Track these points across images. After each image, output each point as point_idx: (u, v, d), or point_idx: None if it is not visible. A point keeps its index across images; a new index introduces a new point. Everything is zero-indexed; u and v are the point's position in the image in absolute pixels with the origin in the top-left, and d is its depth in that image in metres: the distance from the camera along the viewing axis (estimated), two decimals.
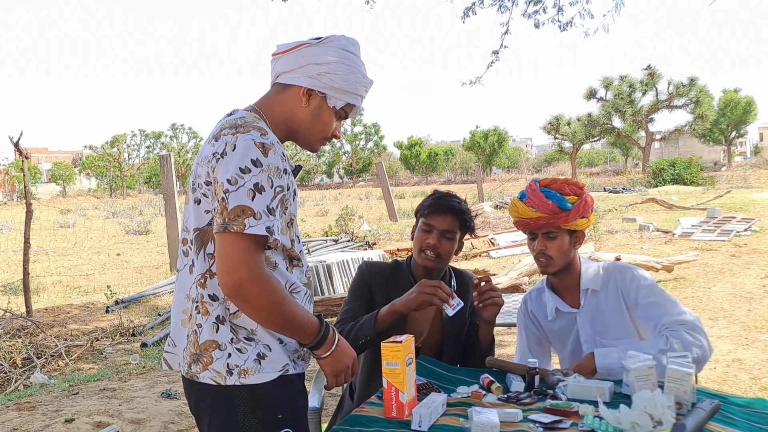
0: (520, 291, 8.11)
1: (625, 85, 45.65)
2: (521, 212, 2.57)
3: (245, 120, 1.80)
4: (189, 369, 1.83)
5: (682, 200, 22.51)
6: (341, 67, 1.89)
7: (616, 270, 2.60)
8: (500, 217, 19.42)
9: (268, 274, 1.73)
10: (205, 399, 1.83)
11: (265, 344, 1.80)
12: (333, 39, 1.91)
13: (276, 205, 1.73)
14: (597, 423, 1.84)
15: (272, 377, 1.79)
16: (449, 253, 2.68)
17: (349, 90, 1.92)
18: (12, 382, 5.93)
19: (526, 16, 8.12)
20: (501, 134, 77.93)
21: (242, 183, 1.68)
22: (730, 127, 60.34)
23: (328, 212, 29.15)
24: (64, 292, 11.33)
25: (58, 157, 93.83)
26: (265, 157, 1.71)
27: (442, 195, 2.73)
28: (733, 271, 9.71)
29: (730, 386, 4.84)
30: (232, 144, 1.72)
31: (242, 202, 1.68)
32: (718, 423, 1.84)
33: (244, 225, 1.67)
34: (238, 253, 1.68)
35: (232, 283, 1.69)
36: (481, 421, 1.82)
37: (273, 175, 1.72)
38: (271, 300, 1.72)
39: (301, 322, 1.80)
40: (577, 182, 2.58)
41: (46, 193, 66.57)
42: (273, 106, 1.92)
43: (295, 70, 1.88)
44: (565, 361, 2.72)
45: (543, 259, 2.58)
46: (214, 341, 1.78)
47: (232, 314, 1.79)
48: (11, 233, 20.36)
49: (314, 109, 1.91)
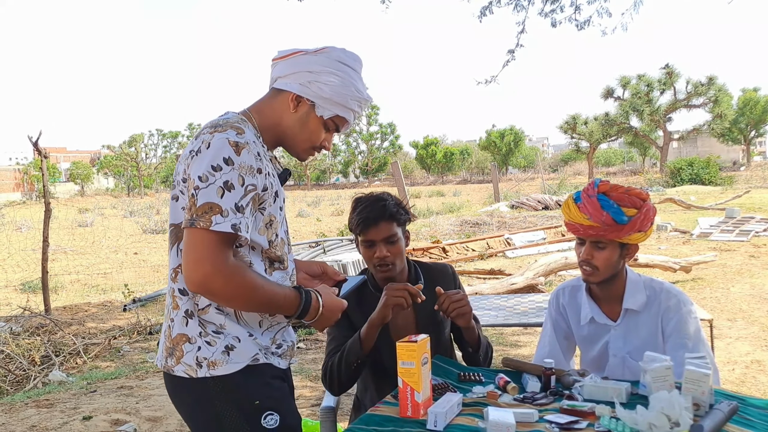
0: (536, 291, 8.08)
1: (642, 84, 45.33)
2: (573, 216, 2.44)
3: (227, 120, 1.83)
4: (165, 362, 1.89)
5: (700, 200, 22.34)
6: (333, 78, 1.90)
7: (663, 293, 2.48)
8: (516, 216, 19.37)
9: (234, 265, 1.75)
10: (182, 392, 1.89)
11: (235, 336, 1.84)
12: (330, 50, 1.93)
13: (246, 203, 1.76)
14: (614, 424, 1.82)
15: (239, 367, 1.83)
16: (400, 254, 2.59)
17: (338, 102, 1.92)
18: (31, 379, 5.99)
19: (542, 15, 8.09)
20: (517, 134, 77.61)
21: (213, 180, 1.72)
22: (749, 126, 59.73)
23: (343, 212, 29.17)
24: (82, 291, 11.43)
25: (77, 157, 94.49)
26: (238, 156, 1.73)
27: (366, 205, 2.58)
28: (752, 271, 9.62)
29: (749, 388, 4.79)
30: (207, 142, 1.76)
31: (211, 199, 1.71)
32: (737, 425, 1.83)
33: (211, 221, 1.70)
34: (202, 249, 1.71)
35: (195, 278, 1.72)
36: (497, 421, 1.82)
37: (245, 174, 1.75)
38: (238, 290, 1.75)
39: (278, 301, 1.84)
40: (640, 192, 2.41)
41: (64, 193, 67.15)
42: (263, 110, 1.95)
43: (288, 76, 1.91)
44: (586, 363, 2.66)
45: (587, 268, 2.46)
46: (185, 335, 1.84)
47: (200, 309, 1.83)
48: (30, 232, 20.53)
49: (302, 116, 1.93)
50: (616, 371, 2.51)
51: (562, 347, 2.70)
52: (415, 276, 2.71)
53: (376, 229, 2.54)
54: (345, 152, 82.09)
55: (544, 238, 14.32)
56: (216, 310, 1.83)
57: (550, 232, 15.03)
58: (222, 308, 1.84)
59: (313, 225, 22.84)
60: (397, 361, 1.99)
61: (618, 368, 2.51)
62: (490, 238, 14.33)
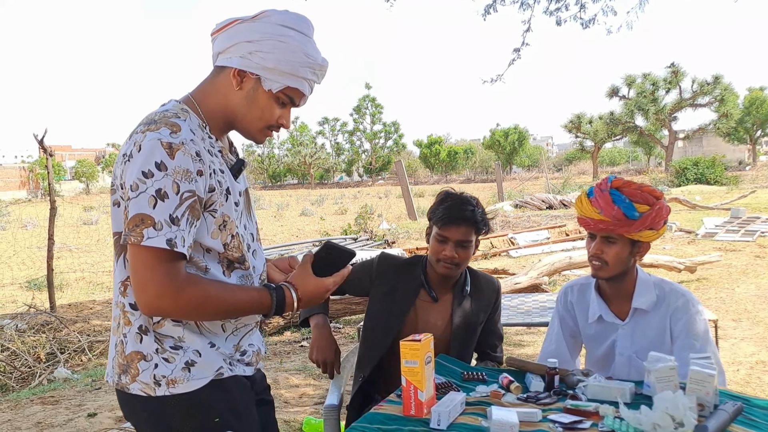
0: (540, 291, 8.06)
1: (648, 83, 45.25)
2: (585, 210, 2.45)
3: (164, 114, 1.65)
4: (119, 380, 1.74)
5: (705, 200, 22.28)
6: (276, 45, 1.67)
7: (672, 293, 2.47)
8: (520, 216, 19.34)
9: (183, 279, 1.61)
10: (138, 410, 1.76)
11: (195, 350, 1.70)
12: (270, 13, 1.70)
13: (182, 213, 1.57)
14: (617, 424, 1.82)
15: (203, 383, 1.71)
16: (466, 260, 2.65)
17: (286, 71, 1.69)
18: (36, 376, 6.01)
19: (548, 14, 8.09)
20: (521, 133, 77.48)
21: (143, 189, 1.54)
22: (755, 125, 59.49)
23: (347, 211, 29.17)
24: (87, 289, 11.45)
25: (82, 155, 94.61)
26: (171, 159, 1.55)
27: (455, 203, 2.63)
28: (757, 272, 9.59)
29: (754, 388, 4.78)
30: (138, 144, 1.57)
31: (142, 210, 1.55)
32: (741, 425, 1.82)
33: (142, 236, 1.54)
34: (143, 270, 1.57)
35: (144, 302, 1.60)
36: (500, 421, 1.82)
37: (180, 179, 1.56)
38: (192, 306, 1.63)
39: (245, 304, 1.71)
40: (654, 190, 2.41)
41: (69, 191, 67.23)
42: (208, 92, 1.75)
43: (228, 50, 1.70)
44: (592, 362, 2.66)
45: (597, 263, 2.46)
46: (139, 352, 1.69)
47: (155, 323, 1.69)
48: (35, 230, 20.59)
49: (248, 92, 1.71)
50: (623, 370, 2.51)
51: (568, 345, 2.70)
52: (463, 283, 2.74)
53: (456, 229, 2.57)
54: (349, 151, 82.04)
55: (548, 238, 14.30)
56: (173, 323, 1.69)
57: (554, 231, 15.01)
58: (179, 320, 1.69)
59: (316, 224, 22.82)
60: (401, 359, 1.99)
61: (624, 368, 2.51)
62: (494, 238, 14.30)
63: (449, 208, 2.60)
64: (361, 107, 78.02)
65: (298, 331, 7.40)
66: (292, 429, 4.28)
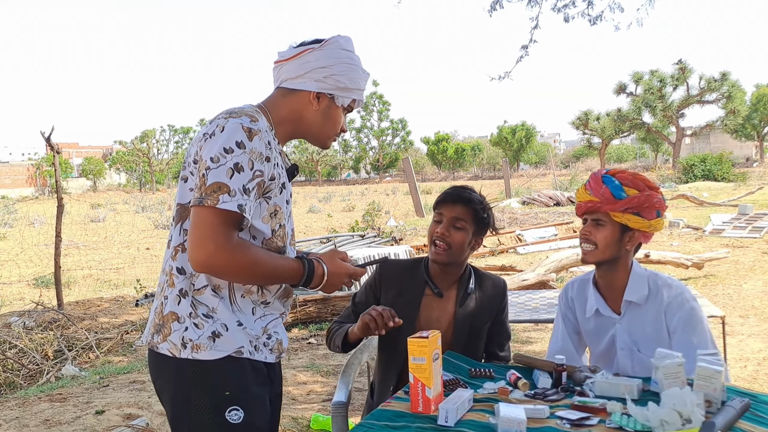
0: (547, 287, 8.06)
1: (655, 79, 45.09)
2: (579, 196, 2.54)
3: (242, 108, 1.89)
4: (151, 339, 1.91)
5: (712, 197, 22.22)
6: (345, 68, 1.97)
7: (665, 287, 2.48)
8: (527, 213, 19.31)
9: (237, 242, 1.79)
10: (162, 369, 1.91)
11: (223, 324, 1.85)
12: (333, 41, 1.97)
13: (253, 186, 1.80)
14: (625, 420, 1.82)
15: (221, 355, 1.84)
16: (460, 245, 2.60)
17: (354, 87, 2.00)
18: (44, 373, 6.04)
19: (555, 10, 8.05)
20: (529, 129, 77.43)
21: (224, 162, 1.76)
22: (763, 122, 59.29)
23: (354, 207, 29.21)
24: (94, 286, 11.50)
25: (89, 152, 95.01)
26: (250, 141, 1.78)
27: (455, 186, 2.71)
28: (764, 268, 9.56)
29: (761, 384, 4.77)
30: (221, 126, 1.80)
31: (220, 179, 1.75)
32: (749, 422, 1.82)
33: (218, 200, 1.74)
34: (207, 227, 1.75)
35: (199, 256, 1.76)
36: (508, 417, 1.82)
37: (255, 159, 1.79)
38: (241, 266, 1.79)
39: (282, 272, 1.88)
40: (647, 180, 2.47)
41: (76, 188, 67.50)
42: (279, 106, 1.98)
43: (302, 76, 1.95)
44: (595, 358, 2.67)
45: (585, 245, 2.51)
46: (175, 313, 1.86)
47: (196, 290, 1.86)
48: (43, 227, 20.68)
49: (324, 110, 1.99)
50: (626, 364, 2.52)
51: (573, 342, 2.71)
52: (467, 280, 2.72)
53: (452, 206, 2.61)
54: (356, 148, 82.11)
55: (556, 235, 14.29)
56: (212, 292, 1.86)
57: (561, 228, 14.99)
58: (218, 291, 1.86)
59: (324, 221, 22.86)
60: (408, 356, 2.00)
61: (627, 361, 2.52)
62: (501, 234, 14.29)
63: (447, 190, 2.69)
64: (368, 104, 78.05)
65: (306, 328, 7.42)
66: (300, 426, 4.30)
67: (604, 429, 1.82)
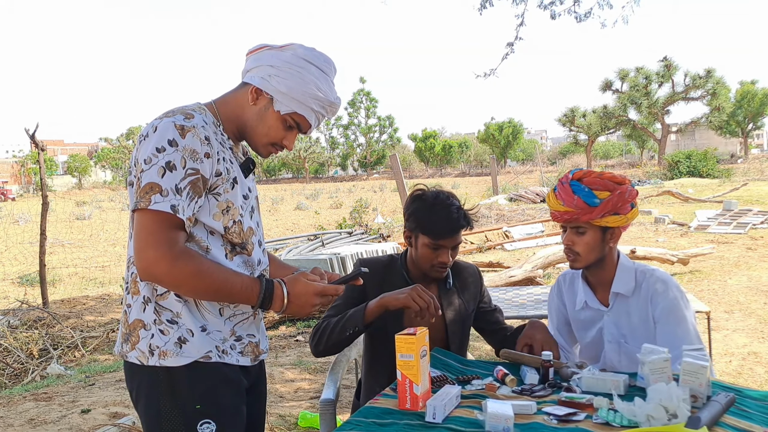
0: (534, 284, 8.09)
1: (641, 76, 45.31)
2: (551, 204, 2.53)
3: (182, 107, 1.85)
4: (121, 348, 1.88)
5: (698, 193, 22.36)
6: (292, 74, 1.86)
7: (651, 278, 2.50)
8: (514, 209, 19.36)
9: (181, 249, 1.73)
10: (133, 378, 1.87)
11: (188, 329, 1.80)
12: (297, 47, 1.90)
13: (185, 185, 1.73)
14: (612, 416, 1.83)
15: (187, 361, 1.79)
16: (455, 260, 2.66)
17: (296, 98, 1.87)
18: (29, 372, 6.00)
19: (542, 8, 8.07)
20: (516, 126, 77.47)
21: (155, 162, 1.71)
22: (747, 119, 59.70)
23: (342, 204, 29.19)
24: (80, 284, 11.43)
25: (74, 150, 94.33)
26: (182, 138, 1.73)
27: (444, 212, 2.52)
28: (749, 264, 9.63)
29: (746, 379, 4.81)
30: (154, 126, 1.76)
31: (152, 179, 1.71)
32: (734, 416, 1.83)
33: (150, 201, 1.70)
34: (146, 234, 1.71)
35: (140, 265, 1.73)
36: (496, 413, 1.82)
37: (188, 157, 1.73)
38: (184, 276, 1.73)
39: (234, 287, 1.79)
40: (614, 176, 2.47)
41: (62, 185, 67.04)
42: (228, 101, 1.93)
43: (253, 69, 1.90)
44: (583, 350, 2.69)
45: (570, 255, 2.53)
46: (141, 320, 1.82)
47: (158, 295, 1.81)
48: (28, 225, 20.52)
49: (260, 109, 1.90)
50: (613, 357, 2.54)
51: (563, 333, 2.74)
52: (446, 276, 2.72)
53: (452, 238, 2.54)
54: (344, 145, 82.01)
55: (543, 231, 14.33)
56: (175, 297, 1.80)
57: (548, 224, 15.02)
58: (181, 296, 1.80)
59: (311, 218, 22.82)
60: (396, 353, 1.99)
61: (614, 354, 2.54)
62: (489, 231, 14.32)
63: (442, 221, 2.52)
64: (355, 101, 78.00)
65: (293, 326, 7.40)
66: (288, 423, 4.29)
67: (591, 424, 1.83)
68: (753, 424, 1.79)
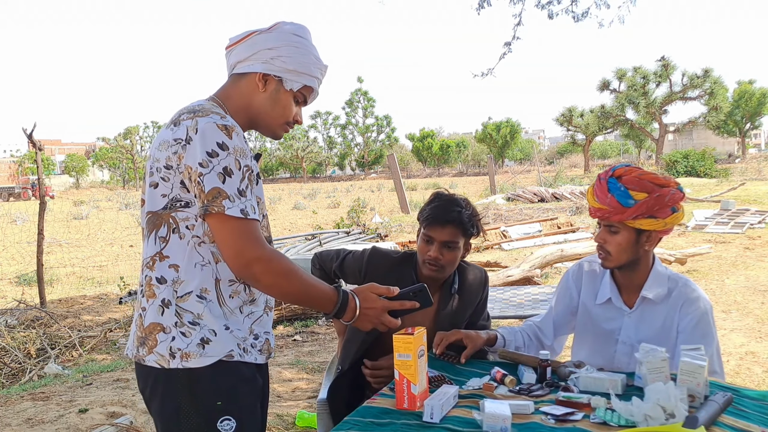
0: (532, 283, 8.09)
1: (638, 76, 45.25)
2: (589, 200, 2.48)
3: (203, 106, 1.83)
4: (137, 352, 1.86)
5: (695, 192, 22.35)
6: (293, 50, 1.90)
7: (686, 287, 2.45)
8: (512, 209, 19.35)
9: (272, 249, 1.79)
10: (151, 382, 1.85)
11: (211, 329, 1.80)
12: (282, 25, 1.94)
13: (245, 185, 1.76)
14: (609, 415, 1.83)
15: (211, 361, 1.80)
16: (453, 262, 2.62)
17: (303, 71, 1.92)
18: (26, 372, 5.98)
19: (539, 7, 8.08)
20: (513, 126, 77.41)
21: (212, 166, 1.72)
22: (745, 118, 59.68)
23: (340, 204, 29.17)
24: (77, 284, 11.41)
25: (72, 149, 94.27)
26: (230, 139, 1.74)
27: (442, 203, 2.62)
28: (746, 263, 9.64)
29: (743, 379, 4.81)
30: (194, 128, 1.75)
31: (215, 185, 1.72)
32: (732, 416, 1.84)
33: (223, 207, 1.71)
34: (237, 238, 1.73)
35: (239, 264, 1.74)
36: (493, 413, 1.82)
37: (239, 156, 1.75)
38: (279, 274, 1.76)
39: (316, 292, 1.84)
40: (657, 177, 2.36)
41: (59, 185, 66.92)
42: (231, 95, 1.94)
43: (249, 58, 1.90)
44: (587, 347, 2.62)
45: (601, 252, 2.47)
46: (159, 324, 1.80)
47: (179, 297, 1.80)
48: (25, 225, 20.45)
49: (272, 93, 1.92)
50: (623, 359, 2.49)
51: (561, 321, 2.69)
52: (451, 282, 2.72)
53: (441, 230, 2.56)
54: (341, 145, 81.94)
55: (540, 231, 14.32)
56: (197, 299, 1.80)
57: (546, 224, 15.02)
58: (203, 296, 1.81)
59: (309, 217, 22.81)
60: (394, 353, 1.99)
61: (625, 356, 2.48)
62: (486, 231, 14.30)
63: (436, 209, 2.60)
64: (353, 101, 77.92)
65: (291, 325, 7.40)
66: (285, 423, 4.28)
67: (588, 424, 1.83)
68: (750, 423, 1.80)
